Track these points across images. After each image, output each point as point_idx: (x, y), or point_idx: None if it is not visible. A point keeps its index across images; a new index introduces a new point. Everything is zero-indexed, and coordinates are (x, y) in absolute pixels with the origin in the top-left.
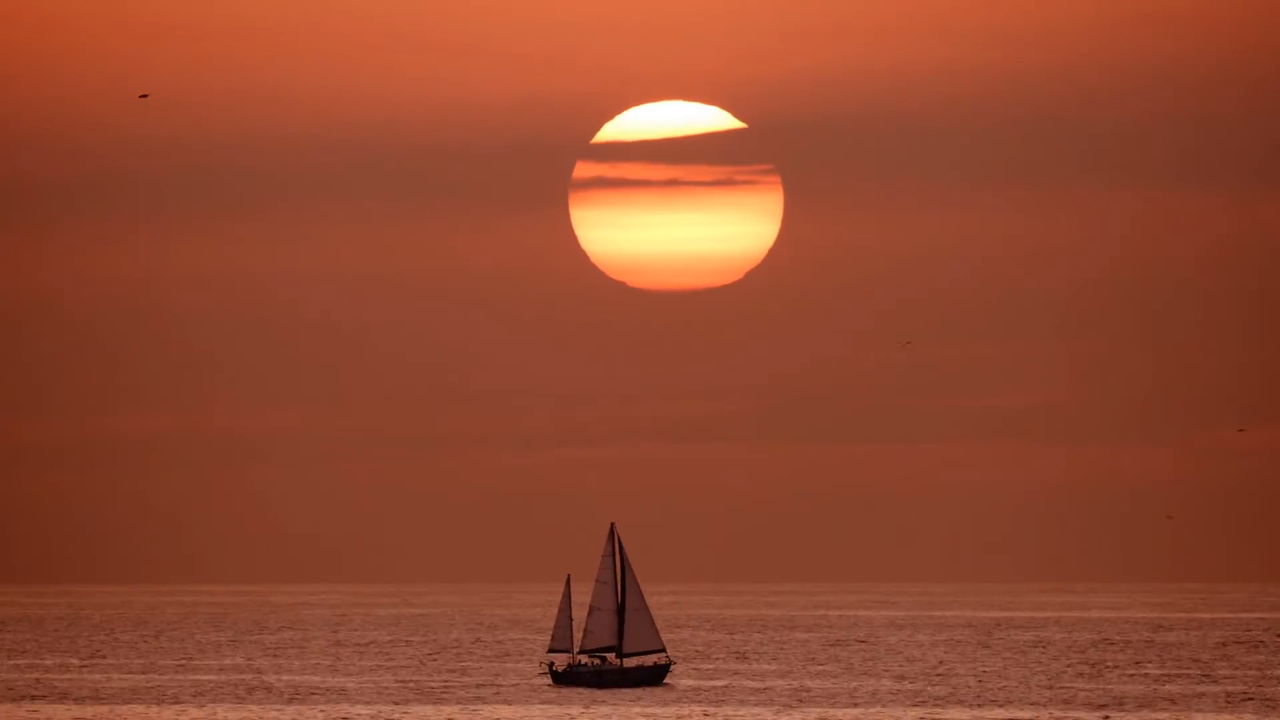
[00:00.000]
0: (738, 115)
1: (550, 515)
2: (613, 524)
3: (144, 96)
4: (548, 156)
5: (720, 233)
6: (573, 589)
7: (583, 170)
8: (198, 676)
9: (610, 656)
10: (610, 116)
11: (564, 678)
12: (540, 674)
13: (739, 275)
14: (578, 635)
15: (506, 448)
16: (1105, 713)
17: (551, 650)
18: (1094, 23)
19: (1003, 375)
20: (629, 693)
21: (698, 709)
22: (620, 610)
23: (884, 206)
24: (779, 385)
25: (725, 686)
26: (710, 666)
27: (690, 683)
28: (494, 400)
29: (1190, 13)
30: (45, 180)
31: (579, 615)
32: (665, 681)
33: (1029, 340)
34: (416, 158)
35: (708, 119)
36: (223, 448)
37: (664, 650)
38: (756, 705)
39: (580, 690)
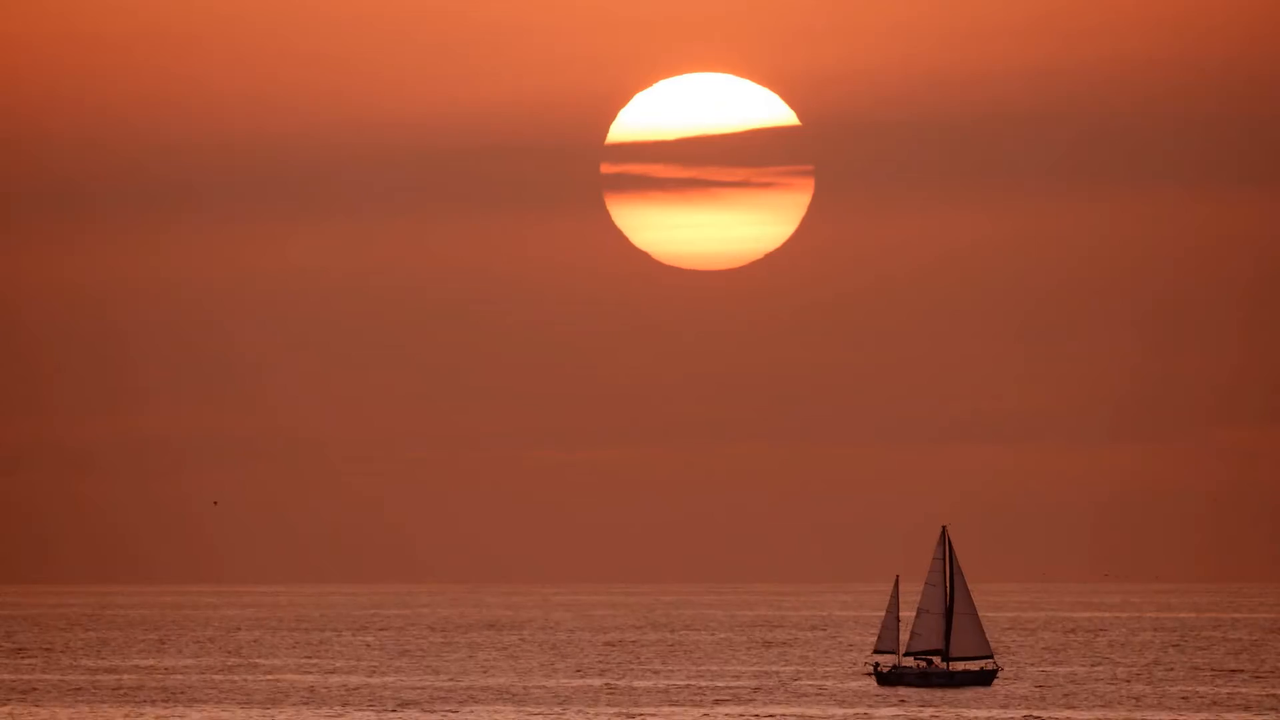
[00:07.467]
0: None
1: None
2: (944, 527)
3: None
4: (574, 149)
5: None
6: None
7: (607, 168)
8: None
9: (936, 660)
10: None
11: (889, 679)
12: (865, 674)
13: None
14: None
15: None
16: None
17: (877, 651)
18: (1151, 25)
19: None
20: (958, 695)
21: (1028, 713)
22: (948, 614)
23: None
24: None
25: (1056, 690)
26: (1042, 670)
27: (1021, 687)
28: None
29: (1229, 14)
30: None
31: (906, 615)
32: (993, 685)
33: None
34: (414, 160)
35: (755, 113)
36: (157, 452)
37: (991, 656)
38: (1091, 709)
39: (907, 691)
